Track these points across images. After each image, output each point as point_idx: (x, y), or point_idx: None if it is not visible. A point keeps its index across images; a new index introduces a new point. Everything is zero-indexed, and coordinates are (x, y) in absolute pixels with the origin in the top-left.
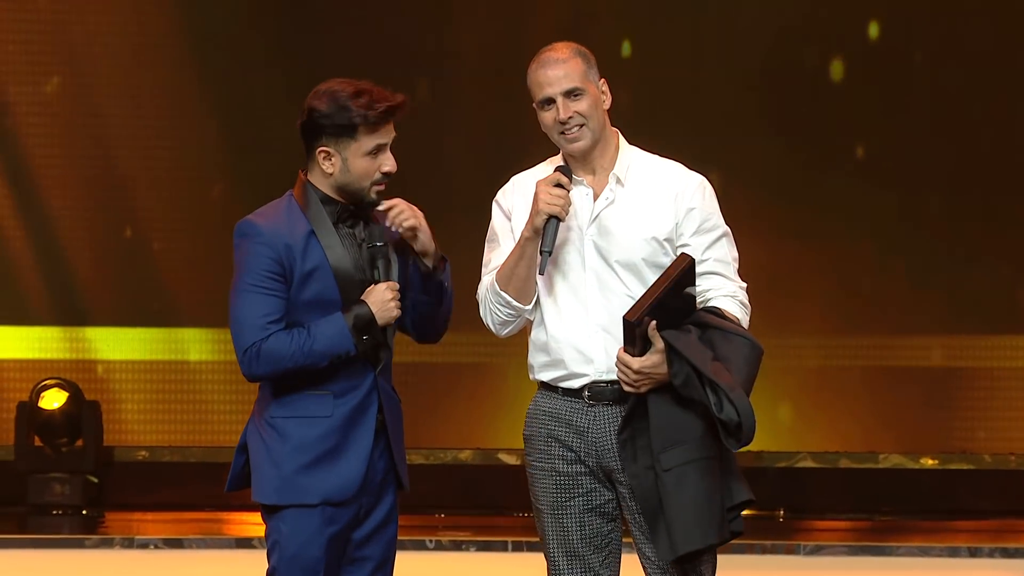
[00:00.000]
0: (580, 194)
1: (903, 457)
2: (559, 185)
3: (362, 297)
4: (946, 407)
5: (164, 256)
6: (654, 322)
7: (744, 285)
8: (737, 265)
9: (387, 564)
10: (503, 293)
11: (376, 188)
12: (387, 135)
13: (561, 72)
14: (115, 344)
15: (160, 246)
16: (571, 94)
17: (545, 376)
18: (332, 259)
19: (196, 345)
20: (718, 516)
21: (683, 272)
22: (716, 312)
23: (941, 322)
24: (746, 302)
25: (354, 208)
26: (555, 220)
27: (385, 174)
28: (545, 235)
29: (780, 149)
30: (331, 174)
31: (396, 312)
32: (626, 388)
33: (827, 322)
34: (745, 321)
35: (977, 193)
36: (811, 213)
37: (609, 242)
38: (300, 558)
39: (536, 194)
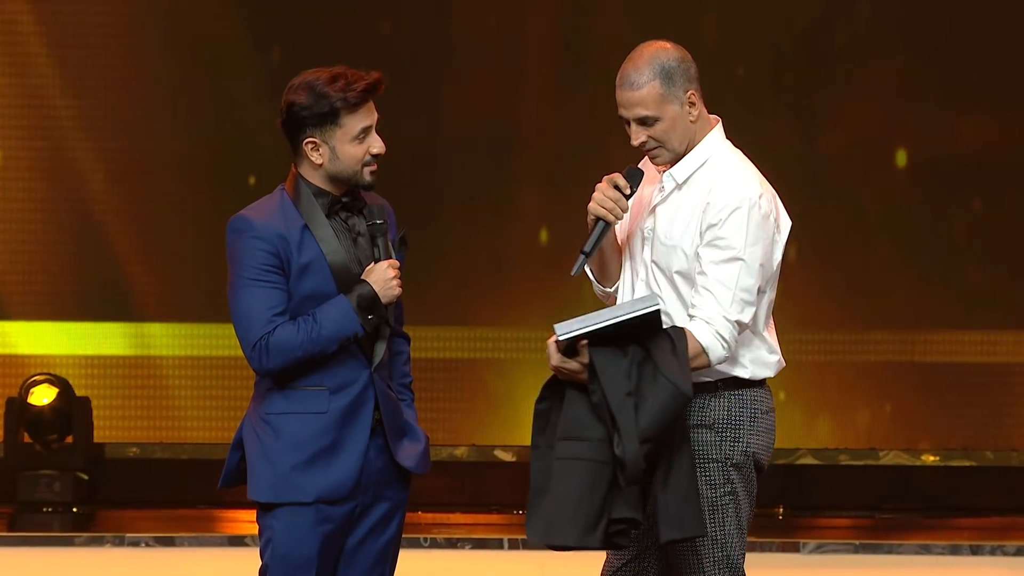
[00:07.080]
0: (656, 178)
1: (903, 454)
2: (618, 187)
3: (363, 276)
4: (947, 403)
5: (156, 251)
6: (585, 340)
7: (737, 319)
8: (746, 297)
9: (385, 565)
10: (588, 268)
11: (369, 169)
12: (370, 116)
13: (635, 98)
14: (106, 339)
15: (152, 240)
16: (644, 121)
17: None
18: (327, 252)
19: (190, 341)
20: (588, 521)
21: (643, 318)
22: (673, 339)
23: (941, 318)
24: (725, 335)
25: (347, 200)
26: (603, 222)
27: (374, 156)
28: (590, 235)
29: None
30: (320, 164)
31: (398, 290)
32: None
33: (827, 317)
34: (715, 354)
35: (992, 188)
36: (817, 205)
37: (653, 238)
38: (292, 557)
39: (595, 188)
